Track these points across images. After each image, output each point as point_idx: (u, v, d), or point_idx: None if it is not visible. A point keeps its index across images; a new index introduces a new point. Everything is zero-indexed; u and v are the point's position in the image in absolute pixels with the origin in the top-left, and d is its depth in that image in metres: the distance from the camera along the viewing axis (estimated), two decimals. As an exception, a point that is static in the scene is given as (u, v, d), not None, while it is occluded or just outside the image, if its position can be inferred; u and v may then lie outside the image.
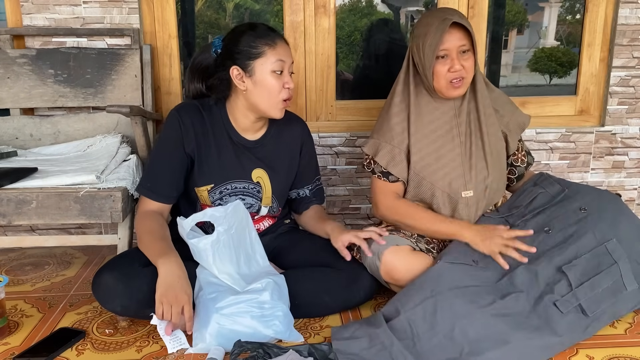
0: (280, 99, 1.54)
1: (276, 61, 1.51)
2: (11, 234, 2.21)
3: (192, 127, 1.58)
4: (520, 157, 1.75)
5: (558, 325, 1.36)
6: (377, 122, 1.72)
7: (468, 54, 1.55)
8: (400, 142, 1.64)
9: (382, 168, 1.67)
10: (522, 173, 1.77)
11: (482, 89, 1.65)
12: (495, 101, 1.69)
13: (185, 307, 1.37)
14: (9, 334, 1.51)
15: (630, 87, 2.24)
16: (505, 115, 1.70)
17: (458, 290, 1.42)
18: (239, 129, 1.63)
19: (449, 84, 1.55)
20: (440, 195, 1.61)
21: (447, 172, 1.61)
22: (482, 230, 1.55)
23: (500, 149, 1.68)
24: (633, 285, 1.43)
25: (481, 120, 1.63)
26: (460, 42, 1.53)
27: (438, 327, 1.36)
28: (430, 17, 1.57)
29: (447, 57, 1.54)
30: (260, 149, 1.66)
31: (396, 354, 1.29)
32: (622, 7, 2.16)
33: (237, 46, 1.52)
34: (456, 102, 1.63)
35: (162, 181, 1.58)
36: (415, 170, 1.62)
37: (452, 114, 1.63)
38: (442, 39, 1.51)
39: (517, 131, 1.72)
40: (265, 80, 1.52)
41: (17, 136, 2.02)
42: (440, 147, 1.62)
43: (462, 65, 1.53)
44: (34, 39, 2.07)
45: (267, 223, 1.75)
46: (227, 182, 1.62)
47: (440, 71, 1.55)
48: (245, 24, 1.57)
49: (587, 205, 1.55)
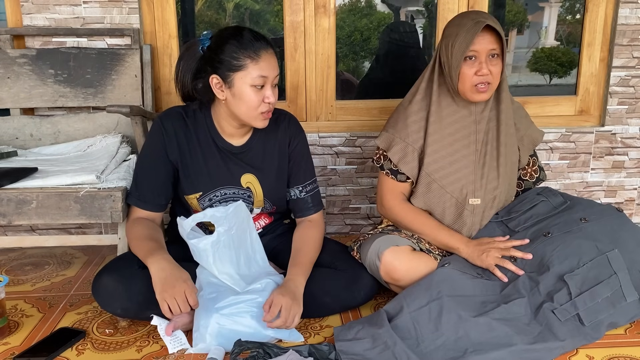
0: (258, 113, 1.48)
1: (257, 77, 1.44)
2: (11, 234, 2.21)
3: (175, 135, 1.56)
4: (530, 171, 1.74)
5: (559, 330, 1.37)
6: (393, 116, 1.68)
7: (497, 60, 1.53)
8: (415, 141, 1.62)
9: (391, 165, 1.65)
10: (529, 187, 1.76)
11: (506, 98, 1.62)
12: (514, 114, 1.67)
13: (187, 291, 1.36)
14: (9, 334, 1.51)
15: (630, 87, 2.24)
16: (521, 129, 1.69)
17: (464, 298, 1.44)
18: (224, 135, 1.59)
19: (473, 88, 1.53)
20: (448, 199, 1.61)
21: (458, 177, 1.60)
22: (478, 245, 1.56)
23: (514, 162, 1.66)
24: (633, 297, 1.43)
25: (500, 130, 1.61)
26: (491, 46, 1.51)
27: (443, 328, 1.37)
28: (463, 18, 1.54)
29: (475, 59, 1.51)
30: (247, 154, 1.62)
31: (399, 354, 1.29)
32: (622, 7, 2.16)
33: (219, 55, 1.45)
34: (478, 107, 1.61)
35: (149, 190, 1.58)
36: (427, 171, 1.61)
37: (472, 120, 1.61)
38: (473, 40, 1.49)
39: (530, 147, 1.71)
40: (244, 93, 1.46)
41: (17, 136, 2.02)
42: (455, 151, 1.60)
43: (489, 70, 1.51)
44: (34, 39, 2.07)
45: (264, 222, 1.74)
46: (216, 189, 1.60)
47: (467, 73, 1.52)
48: (232, 29, 1.49)
49: (588, 216, 1.55)
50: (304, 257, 1.58)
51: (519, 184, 1.75)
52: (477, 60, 1.51)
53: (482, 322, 1.38)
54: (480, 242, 1.57)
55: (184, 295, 1.35)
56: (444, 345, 1.35)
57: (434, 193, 1.62)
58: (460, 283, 1.48)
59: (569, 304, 1.40)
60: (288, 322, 1.42)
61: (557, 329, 1.37)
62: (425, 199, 1.63)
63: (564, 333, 1.37)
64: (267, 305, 1.42)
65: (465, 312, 1.40)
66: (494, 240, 1.57)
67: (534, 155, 1.75)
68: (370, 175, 2.25)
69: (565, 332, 1.37)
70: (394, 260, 1.53)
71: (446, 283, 1.47)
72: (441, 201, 1.62)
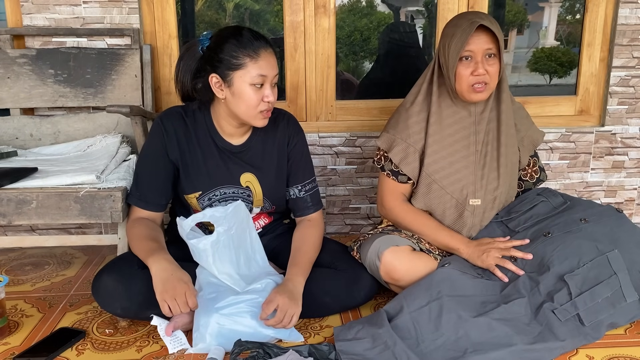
0: (257, 112, 1.49)
1: (256, 76, 1.45)
2: (11, 234, 2.21)
3: (175, 134, 1.56)
4: (531, 172, 1.74)
5: (559, 330, 1.37)
6: (394, 117, 1.68)
7: (494, 60, 1.52)
8: (416, 142, 1.62)
9: (392, 166, 1.66)
10: (529, 188, 1.76)
11: (507, 99, 1.62)
12: (515, 114, 1.67)
13: (187, 292, 1.36)
14: (9, 334, 1.51)
15: (630, 87, 2.24)
16: (522, 130, 1.69)
17: (464, 298, 1.44)
18: (224, 134, 1.60)
19: (470, 88, 1.53)
20: (449, 200, 1.61)
21: (458, 178, 1.60)
22: (478, 246, 1.56)
23: (515, 162, 1.66)
24: (633, 297, 1.43)
25: (501, 131, 1.61)
26: (486, 46, 1.50)
27: (443, 328, 1.37)
28: (460, 19, 1.54)
29: (471, 59, 1.51)
30: (246, 153, 1.62)
31: (399, 353, 1.29)
32: (622, 7, 2.16)
33: (218, 54, 1.45)
34: (478, 108, 1.61)
35: (149, 189, 1.58)
36: (427, 172, 1.61)
37: (472, 121, 1.61)
38: (468, 40, 1.49)
39: (530, 147, 1.71)
40: (243, 92, 1.46)
41: (17, 136, 2.02)
42: (455, 152, 1.61)
43: (486, 70, 1.51)
44: (34, 39, 2.07)
45: (263, 222, 1.74)
46: (215, 188, 1.60)
47: (463, 73, 1.52)
48: (231, 29, 1.50)
49: (588, 216, 1.55)
50: (303, 256, 1.58)
51: (519, 184, 1.75)
52: (473, 61, 1.51)
53: (482, 322, 1.38)
54: (480, 243, 1.57)
55: (184, 296, 1.35)
56: (443, 346, 1.35)
57: (434, 194, 1.62)
58: (461, 283, 1.48)
59: (569, 304, 1.40)
60: (284, 322, 1.41)
61: (557, 329, 1.37)
62: (426, 200, 1.63)
63: (564, 333, 1.37)
64: (265, 304, 1.42)
65: (466, 312, 1.40)
66: (494, 240, 1.57)
67: (535, 155, 1.75)
68: (370, 175, 2.25)
69: (565, 332, 1.37)
70: (394, 260, 1.53)
71: (446, 283, 1.47)
72: (441, 202, 1.62)
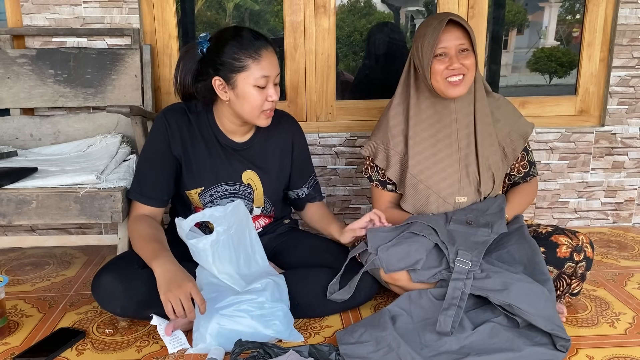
0: (261, 111, 1.50)
1: (260, 77, 1.45)
2: (11, 234, 2.21)
3: (179, 129, 1.57)
4: (518, 167, 1.73)
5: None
6: (377, 123, 1.73)
7: (467, 53, 1.55)
8: (397, 145, 1.65)
9: (379, 176, 1.70)
10: (517, 182, 1.76)
11: (481, 97, 1.64)
12: (498, 110, 1.68)
13: (193, 292, 1.34)
14: (9, 334, 1.51)
15: (630, 87, 2.24)
16: (507, 125, 1.68)
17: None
18: (227, 132, 1.60)
19: (447, 83, 1.55)
20: (435, 199, 1.62)
21: (443, 176, 1.61)
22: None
23: (497, 157, 1.66)
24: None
25: (476, 126, 1.62)
26: (458, 41, 1.53)
27: (446, 338, 1.37)
28: (430, 19, 1.58)
29: (445, 55, 1.54)
30: (249, 151, 1.64)
31: (404, 355, 1.29)
32: (622, 7, 2.16)
33: (220, 57, 1.46)
34: (457, 105, 1.62)
35: (152, 185, 1.58)
36: (412, 173, 1.63)
37: (452, 118, 1.62)
38: (440, 37, 1.52)
39: (520, 141, 1.69)
40: (247, 94, 1.47)
41: (17, 136, 2.02)
42: (438, 151, 1.62)
43: (461, 64, 1.53)
44: (34, 39, 2.07)
45: (263, 222, 1.74)
46: (217, 184, 1.60)
47: (438, 69, 1.54)
48: (231, 30, 1.50)
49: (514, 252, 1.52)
50: (330, 215, 1.76)
51: (508, 178, 1.76)
52: (447, 57, 1.54)
53: (486, 328, 1.39)
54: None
55: (189, 296, 1.34)
56: (447, 353, 1.35)
57: (421, 194, 1.63)
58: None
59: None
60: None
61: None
62: (414, 201, 1.65)
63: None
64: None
65: (469, 323, 1.41)
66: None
67: (525, 150, 1.74)
68: (370, 175, 2.25)
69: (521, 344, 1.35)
70: (394, 260, 1.53)
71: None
72: (428, 202, 1.63)
